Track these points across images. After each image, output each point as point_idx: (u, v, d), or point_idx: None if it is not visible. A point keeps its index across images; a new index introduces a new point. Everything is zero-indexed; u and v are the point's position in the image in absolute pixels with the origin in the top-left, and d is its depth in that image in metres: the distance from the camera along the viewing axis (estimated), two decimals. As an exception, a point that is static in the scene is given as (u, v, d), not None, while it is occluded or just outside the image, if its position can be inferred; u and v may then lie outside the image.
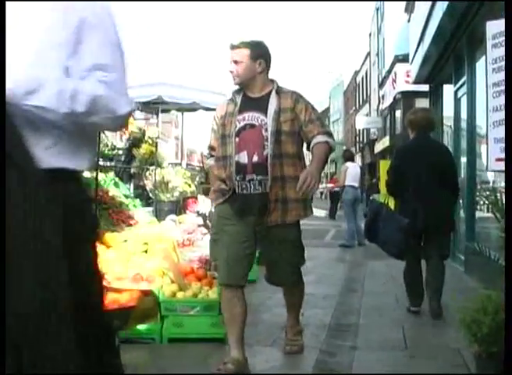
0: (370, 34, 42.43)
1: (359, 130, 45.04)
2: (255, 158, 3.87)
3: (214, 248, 4.10)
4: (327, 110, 67.57)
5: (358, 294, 6.96)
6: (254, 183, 3.87)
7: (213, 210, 4.44)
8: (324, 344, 4.73)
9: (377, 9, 37.72)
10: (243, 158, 3.88)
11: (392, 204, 6.05)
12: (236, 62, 3.93)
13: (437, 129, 9.51)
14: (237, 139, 3.91)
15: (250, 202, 3.89)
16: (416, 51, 12.04)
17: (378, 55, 37.02)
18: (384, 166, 19.08)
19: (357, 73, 49.89)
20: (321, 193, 33.71)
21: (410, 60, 13.71)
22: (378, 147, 34.07)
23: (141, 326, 4.42)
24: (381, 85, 33.39)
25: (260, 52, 3.98)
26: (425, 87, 13.71)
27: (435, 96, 12.42)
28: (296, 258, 4.18)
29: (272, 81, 4.07)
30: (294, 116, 3.94)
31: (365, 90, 44.94)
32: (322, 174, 13.10)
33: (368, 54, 43.22)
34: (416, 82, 13.70)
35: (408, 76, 20.15)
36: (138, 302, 3.89)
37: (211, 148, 4.21)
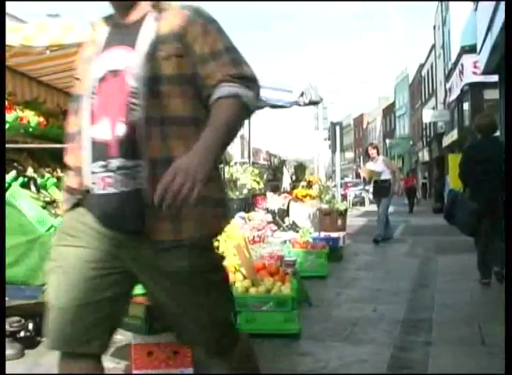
0: (434, 27, 41.67)
1: (426, 124, 44.30)
2: (121, 130, 2.14)
3: (47, 285, 2.25)
4: (392, 105, 66.74)
5: (430, 289, 6.86)
6: (125, 173, 2.14)
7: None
8: (398, 340, 4.68)
9: (441, 1, 37.03)
10: (104, 131, 2.18)
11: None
12: None
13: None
14: (94, 99, 2.23)
15: (117, 208, 2.14)
16: (484, 40, 11.76)
17: (443, 47, 36.32)
18: (453, 159, 18.87)
19: (422, 66, 49.07)
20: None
21: (477, 50, 13.41)
22: (446, 140, 33.41)
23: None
24: (447, 77, 32.73)
25: None
26: (494, 78, 13.40)
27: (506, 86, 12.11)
28: (211, 307, 2.28)
29: None
30: (186, 48, 2.17)
31: (431, 83, 44.14)
32: (395, 169, 12.73)
33: (433, 46, 42.46)
34: (484, 73, 13.41)
35: (476, 67, 19.75)
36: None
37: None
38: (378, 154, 12.67)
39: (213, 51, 2.17)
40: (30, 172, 5.32)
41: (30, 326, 4.28)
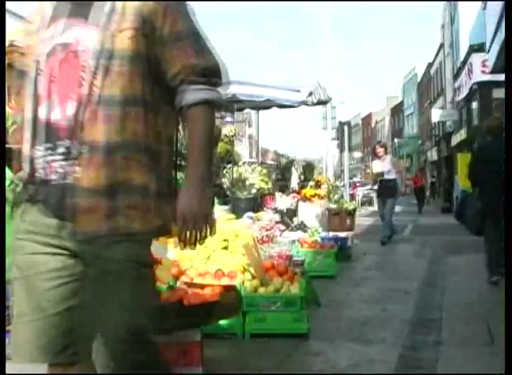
0: (443, 26, 41.57)
1: (434, 124, 44.19)
2: (71, 110, 1.95)
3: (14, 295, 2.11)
4: (401, 104, 66.60)
5: (439, 289, 6.84)
6: (73, 156, 1.94)
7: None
8: (407, 340, 4.67)
9: (449, 0, 36.92)
10: (53, 111, 1.97)
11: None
12: None
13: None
14: (41, 76, 2.01)
15: (65, 195, 1.94)
16: (493, 39, 11.70)
17: (451, 46, 36.22)
18: (462, 158, 18.80)
19: (430, 65, 48.95)
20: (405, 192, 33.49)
21: (486, 49, 13.36)
22: (455, 140, 33.30)
23: (223, 322, 4.47)
24: (456, 77, 32.60)
25: None
26: (503, 77, 13.34)
27: (515, 85, 12.05)
28: (129, 313, 1.99)
29: None
30: (144, 24, 1.99)
31: (440, 82, 44.03)
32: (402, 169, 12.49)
33: (442, 45, 42.36)
34: (493, 71, 13.35)
35: (485, 65, 19.66)
36: (221, 297, 3.92)
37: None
38: (386, 153, 12.37)
39: (173, 32, 2.01)
40: (39, 172, 5.33)
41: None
